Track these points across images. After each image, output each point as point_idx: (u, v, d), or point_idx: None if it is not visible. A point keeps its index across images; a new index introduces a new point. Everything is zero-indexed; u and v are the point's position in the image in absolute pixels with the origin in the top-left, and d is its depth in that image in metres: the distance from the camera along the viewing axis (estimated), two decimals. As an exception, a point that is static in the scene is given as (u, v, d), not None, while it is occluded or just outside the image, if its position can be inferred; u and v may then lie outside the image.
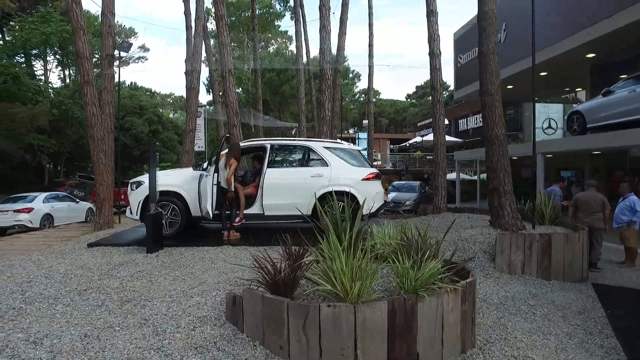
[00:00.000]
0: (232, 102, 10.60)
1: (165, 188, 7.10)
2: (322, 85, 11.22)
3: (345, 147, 7.78)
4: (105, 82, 11.75)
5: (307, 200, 7.29)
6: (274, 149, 7.51)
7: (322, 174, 7.36)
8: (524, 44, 14.67)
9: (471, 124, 35.57)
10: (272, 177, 7.30)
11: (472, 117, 35.16)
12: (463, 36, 20.91)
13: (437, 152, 10.42)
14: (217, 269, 5.37)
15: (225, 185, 6.87)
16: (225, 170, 6.85)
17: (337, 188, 7.34)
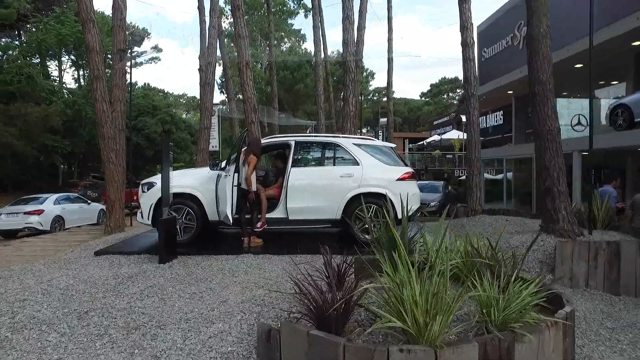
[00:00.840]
0: (250, 98, 9.90)
1: (180, 190, 6.42)
2: (345, 78, 10.45)
3: (377, 144, 7.00)
4: (116, 78, 11.17)
5: (336, 203, 6.53)
6: (299, 146, 6.76)
7: (352, 173, 6.59)
8: (561, 33, 13.70)
9: (491, 122, 34.37)
10: (297, 177, 6.56)
11: (492, 115, 33.97)
12: (488, 29, 19.91)
13: (471, 149, 9.56)
14: (240, 282, 4.65)
15: (245, 186, 6.16)
16: (244, 169, 6.14)
17: (369, 189, 6.58)
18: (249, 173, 6.12)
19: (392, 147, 7.07)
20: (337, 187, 6.55)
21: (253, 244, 6.36)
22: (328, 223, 6.63)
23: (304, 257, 5.89)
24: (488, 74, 19.68)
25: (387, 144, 7.08)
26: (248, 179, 6.13)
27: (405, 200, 6.89)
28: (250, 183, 6.13)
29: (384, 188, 6.58)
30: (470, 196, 9.52)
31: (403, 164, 7.02)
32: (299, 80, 39.51)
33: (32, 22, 26.82)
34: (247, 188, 6.12)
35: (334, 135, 7.04)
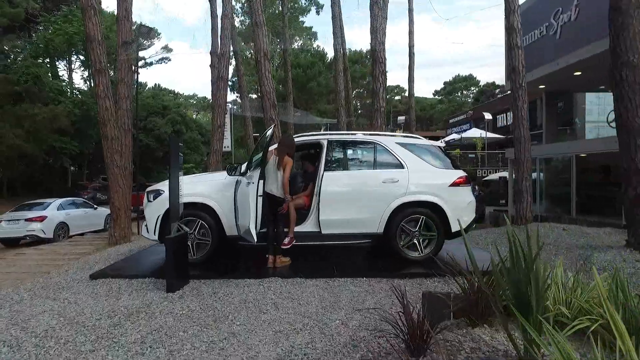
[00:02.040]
0: (269, 92, 8.84)
1: (192, 199, 5.39)
2: (375, 70, 9.34)
3: (424, 143, 5.88)
4: (121, 72, 10.20)
5: (378, 214, 5.44)
6: (332, 146, 5.68)
7: (396, 178, 5.49)
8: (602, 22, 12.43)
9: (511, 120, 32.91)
10: (331, 183, 5.48)
11: (513, 113, 32.50)
12: (525, 13, 18.43)
13: (519, 148, 8.38)
14: (270, 322, 3.58)
15: (279, 193, 5.11)
16: (278, 173, 5.11)
17: (417, 197, 5.47)
18: (287, 178, 5.08)
19: (440, 146, 5.95)
20: (379, 195, 5.45)
21: (279, 263, 5.30)
22: (368, 238, 5.54)
23: (343, 282, 4.81)
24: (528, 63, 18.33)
25: (434, 142, 5.96)
26: (285, 185, 5.09)
27: (463, 210, 5.81)
28: (287, 191, 5.10)
29: (434, 195, 5.47)
30: (518, 201, 8.33)
31: (454, 166, 5.90)
32: (311, 78, 38.51)
33: (40, 22, 26.20)
34: (283, 197, 5.09)
35: (374, 132, 5.95)
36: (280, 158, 5.14)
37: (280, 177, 5.12)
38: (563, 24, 14.57)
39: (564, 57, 14.34)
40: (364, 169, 5.67)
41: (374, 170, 5.61)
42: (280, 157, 5.14)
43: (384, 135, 5.93)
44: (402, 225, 5.47)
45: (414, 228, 5.50)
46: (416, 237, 5.50)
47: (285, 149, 5.16)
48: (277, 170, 5.12)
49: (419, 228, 5.49)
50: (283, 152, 5.15)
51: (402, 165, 5.59)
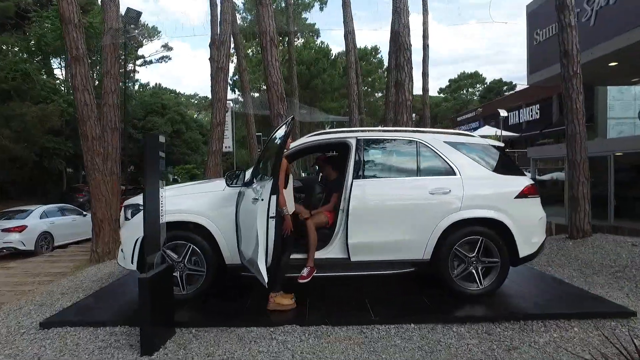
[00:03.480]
0: (276, 83, 7.54)
1: (181, 217, 4.11)
2: (399, 58, 8.03)
3: (479, 143, 4.57)
4: (107, 63, 8.93)
5: (425, 235, 4.15)
6: (363, 147, 4.36)
7: (447, 188, 4.19)
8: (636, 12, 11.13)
9: (525, 117, 31.60)
10: (363, 194, 4.18)
11: (527, 109, 31.22)
12: (541, 8, 17.16)
13: (574, 146, 7.05)
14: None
15: (284, 210, 3.80)
16: None
17: (475, 213, 4.18)
18: (280, 185, 3.74)
19: (500, 146, 4.63)
20: (426, 209, 4.16)
21: (274, 305, 3.92)
22: (410, 266, 4.23)
23: (384, 332, 3.53)
24: (542, 60, 16.98)
25: (492, 141, 4.64)
26: (280, 195, 3.74)
27: (533, 229, 4.51)
28: (282, 201, 3.74)
29: (497, 210, 4.17)
30: (574, 210, 7.00)
31: (518, 171, 4.59)
32: (315, 75, 37.23)
33: (32, 17, 24.96)
34: (281, 209, 3.75)
35: (415, 129, 4.65)
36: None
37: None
38: (599, 9, 13.18)
39: (600, 45, 12.93)
40: (405, 176, 4.36)
41: (418, 177, 4.30)
42: None
43: (428, 132, 4.63)
44: (456, 250, 4.17)
45: (470, 253, 4.20)
46: (473, 265, 4.20)
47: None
48: None
49: (478, 253, 4.19)
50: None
51: (453, 171, 4.29)
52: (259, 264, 3.24)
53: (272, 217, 3.34)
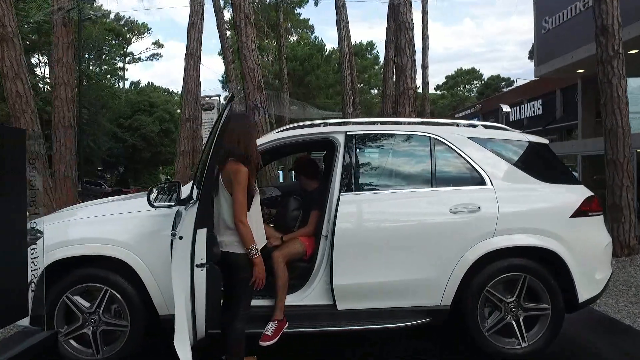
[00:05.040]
0: (252, 69, 6.26)
1: (91, 249, 2.83)
2: (399, 39, 6.77)
3: (517, 138, 3.29)
4: (58, 50, 7.65)
5: (443, 271, 2.89)
6: (354, 146, 3.08)
7: (474, 203, 2.92)
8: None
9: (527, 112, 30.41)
10: (354, 213, 2.93)
11: (528, 105, 30.04)
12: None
13: (615, 143, 5.78)
14: None
15: (234, 245, 2.51)
16: (223, 199, 2.53)
17: (515, 240, 2.93)
18: (240, 208, 2.46)
19: (544, 144, 3.36)
20: (444, 235, 2.90)
21: None
22: (423, 316, 2.95)
23: None
24: (551, 50, 15.77)
25: (533, 137, 3.38)
26: (240, 224, 2.46)
27: (595, 261, 3.25)
28: (249, 238, 2.47)
29: (548, 235, 2.91)
30: (617, 222, 5.74)
31: (571, 177, 3.34)
32: (309, 71, 35.96)
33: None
34: (244, 251, 2.50)
35: (427, 121, 3.40)
36: (221, 168, 2.54)
37: (227, 210, 2.49)
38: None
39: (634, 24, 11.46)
40: (414, 187, 3.09)
41: (432, 188, 3.03)
42: (222, 166, 2.54)
43: (445, 124, 3.37)
44: (488, 292, 2.92)
45: (508, 296, 2.95)
46: (513, 314, 2.95)
47: (232, 147, 2.53)
48: (224, 192, 2.53)
49: (519, 296, 2.93)
50: (229, 152, 2.54)
51: (482, 179, 3.03)
52: (176, 344, 1.96)
53: (201, 266, 2.05)
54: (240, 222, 2.44)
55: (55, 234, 2.78)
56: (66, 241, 2.80)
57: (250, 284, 2.51)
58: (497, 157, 3.11)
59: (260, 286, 2.55)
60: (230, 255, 2.52)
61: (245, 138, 2.54)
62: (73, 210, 3.51)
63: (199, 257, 2.06)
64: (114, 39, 38.30)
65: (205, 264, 2.09)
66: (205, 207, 2.09)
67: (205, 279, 2.11)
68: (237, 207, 2.45)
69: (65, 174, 7.62)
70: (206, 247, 2.10)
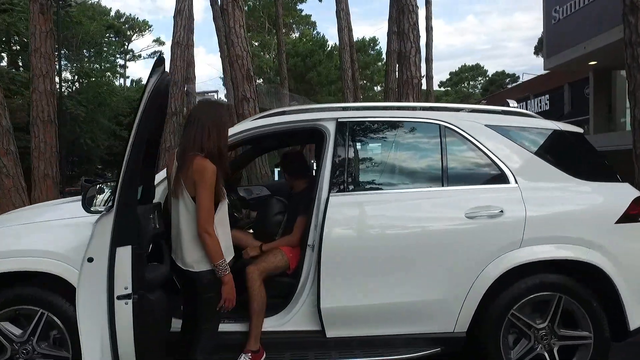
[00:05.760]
0: (240, 56, 5.70)
1: (20, 264, 2.29)
2: (402, 23, 6.19)
3: (546, 126, 2.70)
4: (36, 39, 7.13)
5: (457, 290, 2.32)
6: (347, 136, 2.50)
7: (495, 205, 2.35)
8: None
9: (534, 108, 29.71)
10: (346, 219, 2.38)
11: (535, 100, 29.33)
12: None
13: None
14: None
15: (197, 262, 1.97)
16: (182, 206, 2.00)
17: (548, 251, 2.35)
18: (205, 215, 1.93)
19: (578, 133, 2.77)
20: (459, 245, 2.33)
21: None
22: (433, 345, 2.38)
23: None
24: (561, 41, 15.08)
25: (564, 125, 2.79)
26: (206, 237, 1.93)
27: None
28: (215, 252, 1.94)
29: (588, 246, 2.34)
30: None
31: (612, 174, 2.75)
32: (311, 67, 35.44)
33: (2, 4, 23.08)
34: (211, 267, 1.95)
35: (437, 106, 2.83)
36: (182, 165, 2.01)
37: (189, 218, 1.98)
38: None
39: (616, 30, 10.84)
40: (420, 186, 2.52)
41: (443, 188, 2.46)
42: (182, 163, 2.01)
43: (458, 109, 2.80)
44: (513, 316, 2.35)
45: (538, 321, 2.37)
46: (545, 342, 2.37)
47: (193, 138, 2.00)
48: (180, 199, 2.01)
49: (552, 321, 2.36)
50: (187, 146, 2.01)
51: (505, 177, 2.45)
52: None
53: (125, 299, 1.50)
54: (206, 233, 1.93)
55: None
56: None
57: (217, 307, 1.99)
58: (522, 149, 2.54)
59: (229, 308, 2.03)
60: (192, 273, 1.99)
61: (217, 130, 2.02)
62: (16, 214, 2.97)
63: (120, 286, 1.50)
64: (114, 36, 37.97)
65: (133, 294, 1.53)
66: (127, 216, 1.54)
67: (133, 316, 1.55)
68: (202, 214, 1.93)
69: (45, 172, 7.09)
70: (134, 271, 1.54)
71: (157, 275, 1.73)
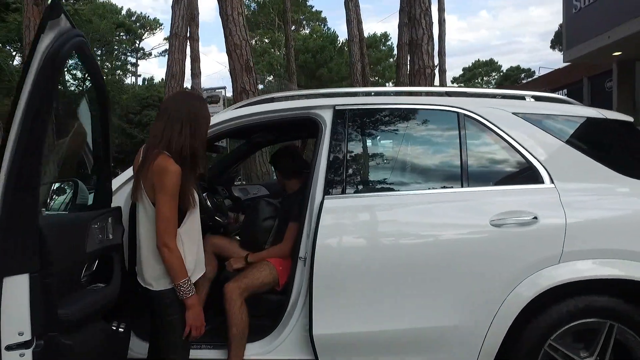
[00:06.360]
0: (238, 46, 5.32)
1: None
2: (412, 8, 5.73)
3: (586, 114, 2.24)
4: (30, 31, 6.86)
5: (480, 315, 1.88)
6: (346, 126, 2.09)
7: (527, 210, 1.90)
8: None
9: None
10: (344, 226, 1.97)
11: (552, 95, 28.41)
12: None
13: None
14: None
15: (157, 280, 1.61)
16: (142, 212, 1.65)
17: (593, 268, 1.88)
18: (164, 227, 1.56)
19: (629, 122, 2.30)
20: (483, 260, 1.90)
21: None
22: (450, 380, 1.97)
23: None
24: (583, 31, 14.34)
25: (609, 113, 2.33)
26: (165, 252, 1.56)
27: None
28: (176, 268, 1.57)
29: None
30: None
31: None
32: (321, 64, 35.01)
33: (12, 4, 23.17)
34: (177, 287, 1.59)
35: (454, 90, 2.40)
36: (143, 163, 1.65)
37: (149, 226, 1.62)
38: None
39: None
40: (435, 187, 2.10)
41: (463, 189, 2.02)
42: (144, 161, 1.65)
43: (480, 95, 2.36)
44: (551, 347, 1.90)
45: (584, 353, 1.92)
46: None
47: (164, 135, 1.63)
48: (140, 203, 1.65)
49: (602, 354, 1.90)
50: (156, 142, 1.63)
51: (538, 175, 2.00)
52: None
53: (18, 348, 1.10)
54: (165, 247, 1.57)
55: None
56: None
57: (182, 335, 1.62)
58: (559, 141, 2.08)
59: (197, 337, 1.65)
60: (151, 292, 1.63)
61: (191, 126, 1.66)
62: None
63: (11, 331, 1.10)
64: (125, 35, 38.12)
65: (35, 340, 1.14)
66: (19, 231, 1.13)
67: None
68: (160, 224, 1.58)
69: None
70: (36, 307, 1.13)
71: (92, 303, 1.35)
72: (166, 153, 1.62)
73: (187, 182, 1.65)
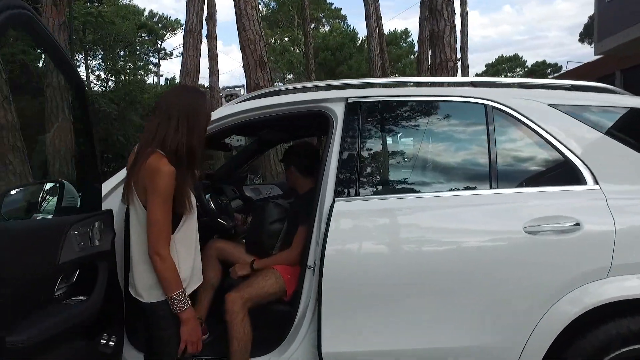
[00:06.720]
0: (252, 41, 5.17)
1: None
2: None
3: (633, 104, 1.97)
4: (49, 32, 6.88)
5: (511, 335, 1.64)
6: (360, 121, 1.89)
7: (568, 217, 1.66)
8: None
9: (579, 100, 27.72)
10: (358, 231, 1.76)
11: (581, 91, 27.34)
12: None
13: None
14: None
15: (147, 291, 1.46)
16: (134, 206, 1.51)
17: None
18: (156, 233, 1.40)
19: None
20: (514, 272, 1.67)
21: None
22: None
23: None
24: (616, 22, 13.64)
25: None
26: (157, 260, 1.41)
27: None
28: (168, 279, 1.42)
29: None
30: None
31: None
32: (341, 61, 34.77)
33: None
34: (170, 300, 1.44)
35: (481, 80, 2.17)
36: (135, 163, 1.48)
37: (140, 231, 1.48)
38: None
39: None
40: (459, 188, 1.87)
41: (492, 191, 1.78)
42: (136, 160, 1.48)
43: (512, 86, 2.11)
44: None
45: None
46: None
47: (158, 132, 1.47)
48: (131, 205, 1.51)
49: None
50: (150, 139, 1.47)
51: (580, 176, 1.75)
52: None
53: None
54: (156, 255, 1.42)
55: None
56: None
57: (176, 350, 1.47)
58: (603, 136, 1.82)
59: (194, 352, 1.49)
60: (142, 303, 1.48)
61: (188, 123, 1.50)
62: None
63: None
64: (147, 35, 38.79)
65: None
66: None
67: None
68: (152, 230, 1.43)
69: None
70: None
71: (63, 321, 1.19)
72: (160, 152, 1.47)
73: (183, 184, 1.50)
